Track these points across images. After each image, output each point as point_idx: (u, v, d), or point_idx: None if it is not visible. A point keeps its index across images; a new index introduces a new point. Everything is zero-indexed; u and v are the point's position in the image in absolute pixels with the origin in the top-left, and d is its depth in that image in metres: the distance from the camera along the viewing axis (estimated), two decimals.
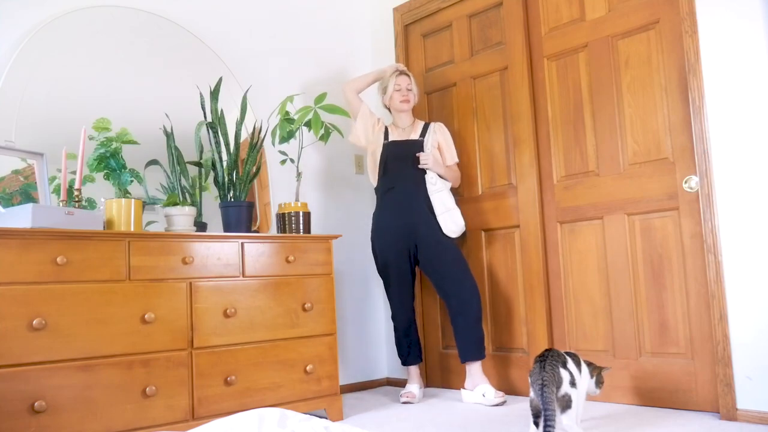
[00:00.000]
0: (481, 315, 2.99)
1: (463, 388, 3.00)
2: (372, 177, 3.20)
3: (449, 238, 3.04)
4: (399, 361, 3.54)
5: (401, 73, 3.20)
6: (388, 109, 3.28)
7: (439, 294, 3.08)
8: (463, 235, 3.20)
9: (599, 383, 2.28)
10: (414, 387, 3.10)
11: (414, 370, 3.16)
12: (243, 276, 2.53)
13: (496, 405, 2.84)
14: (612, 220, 2.81)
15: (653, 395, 2.66)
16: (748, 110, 2.39)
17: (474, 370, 2.96)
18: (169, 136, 2.73)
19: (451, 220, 3.04)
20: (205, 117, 2.82)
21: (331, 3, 3.67)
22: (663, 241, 2.66)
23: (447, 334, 3.38)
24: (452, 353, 3.31)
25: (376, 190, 3.18)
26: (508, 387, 3.09)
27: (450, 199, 3.09)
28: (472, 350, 2.95)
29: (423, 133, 3.19)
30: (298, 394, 2.61)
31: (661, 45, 2.67)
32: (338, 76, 3.63)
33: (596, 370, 2.28)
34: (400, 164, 3.10)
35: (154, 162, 2.76)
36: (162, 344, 2.27)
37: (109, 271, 2.18)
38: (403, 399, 3.03)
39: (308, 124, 2.93)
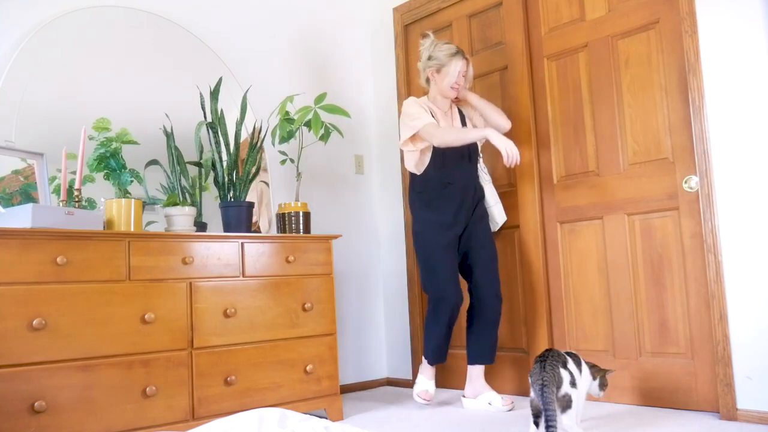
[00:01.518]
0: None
1: (464, 396, 2.89)
2: (417, 167, 2.92)
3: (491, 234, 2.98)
4: (399, 361, 3.55)
5: (464, 57, 2.90)
6: (427, 82, 2.99)
7: (470, 283, 2.90)
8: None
9: (603, 386, 2.28)
10: (432, 386, 2.93)
11: (433, 369, 2.99)
12: (243, 276, 2.53)
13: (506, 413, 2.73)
14: (612, 220, 2.81)
15: (653, 395, 2.66)
16: (748, 110, 2.39)
17: (475, 375, 2.86)
18: (169, 136, 2.73)
19: (498, 213, 3.01)
20: (205, 117, 2.82)
21: (331, 3, 3.67)
22: (663, 241, 2.66)
23: None
24: (452, 353, 3.31)
25: (424, 180, 2.91)
26: (507, 387, 3.09)
27: (495, 192, 3.04)
28: (490, 353, 2.87)
29: (462, 119, 3.02)
30: (298, 394, 2.61)
31: (661, 45, 2.67)
32: (338, 75, 3.64)
33: (600, 373, 2.28)
34: (457, 158, 2.89)
35: (154, 162, 2.76)
36: (162, 344, 2.26)
37: (109, 271, 2.18)
38: (422, 400, 2.88)
39: (308, 124, 2.93)
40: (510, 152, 2.65)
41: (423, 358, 2.97)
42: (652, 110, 2.70)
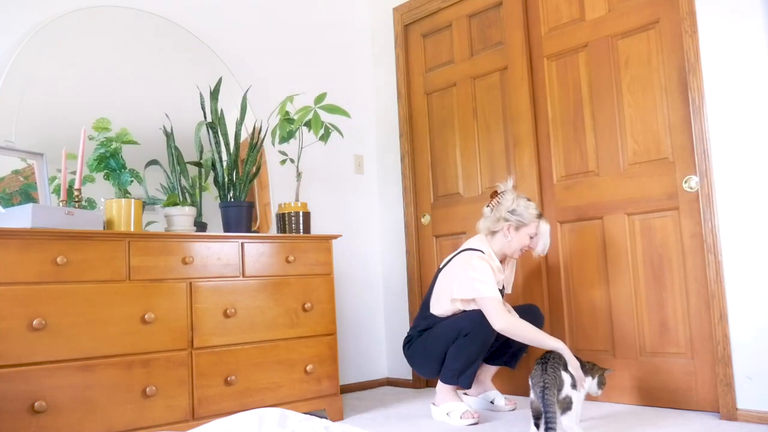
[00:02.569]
0: None
1: (465, 394, 2.86)
2: (441, 309, 2.67)
3: None
4: (399, 361, 3.55)
5: (546, 221, 2.68)
6: (492, 234, 2.70)
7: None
8: None
9: (601, 384, 2.28)
10: (468, 402, 2.72)
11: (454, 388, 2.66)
12: (243, 276, 2.53)
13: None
14: (612, 220, 2.81)
15: (653, 395, 2.66)
16: (748, 110, 2.39)
17: (485, 375, 2.84)
18: (169, 136, 2.73)
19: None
20: (205, 117, 2.82)
21: (331, 3, 3.67)
22: (663, 241, 2.66)
23: None
24: None
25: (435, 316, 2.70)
26: (508, 387, 3.09)
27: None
28: (518, 359, 2.79)
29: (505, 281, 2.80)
30: (298, 394, 2.61)
31: (661, 45, 2.67)
32: (338, 75, 3.63)
33: (598, 372, 2.28)
34: None
35: (154, 162, 2.76)
36: (162, 344, 2.26)
37: (109, 271, 2.18)
38: (473, 419, 2.51)
39: (308, 124, 2.93)
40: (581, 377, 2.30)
41: (447, 383, 2.59)
42: (652, 110, 2.70)
